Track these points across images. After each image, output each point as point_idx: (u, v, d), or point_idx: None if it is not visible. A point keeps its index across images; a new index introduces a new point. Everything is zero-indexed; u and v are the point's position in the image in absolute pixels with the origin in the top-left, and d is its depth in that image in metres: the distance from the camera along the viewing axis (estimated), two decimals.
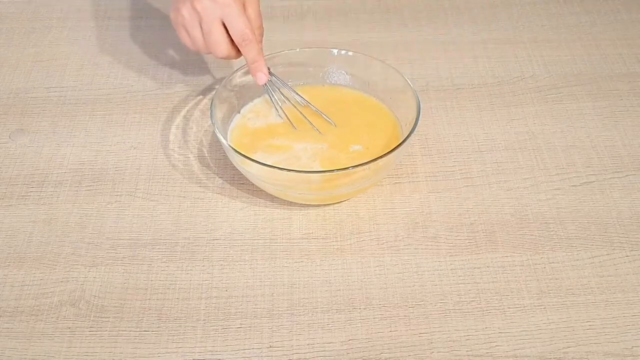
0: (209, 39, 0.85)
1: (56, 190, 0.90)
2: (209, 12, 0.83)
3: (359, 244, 0.84)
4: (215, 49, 0.86)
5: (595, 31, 1.14)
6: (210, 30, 0.84)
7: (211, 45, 0.86)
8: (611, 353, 0.74)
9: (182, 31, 0.87)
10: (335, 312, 0.77)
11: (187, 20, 0.85)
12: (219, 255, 0.83)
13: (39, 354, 0.74)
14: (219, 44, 0.85)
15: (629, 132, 0.97)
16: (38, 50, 1.11)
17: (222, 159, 0.93)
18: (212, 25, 0.84)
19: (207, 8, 0.83)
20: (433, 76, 1.06)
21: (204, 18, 0.83)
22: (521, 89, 1.04)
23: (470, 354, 0.74)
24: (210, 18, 0.83)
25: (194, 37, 0.86)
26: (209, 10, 0.83)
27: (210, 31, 0.84)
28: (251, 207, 0.88)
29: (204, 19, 0.83)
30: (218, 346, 0.74)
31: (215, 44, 0.85)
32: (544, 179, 0.91)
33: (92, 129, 0.98)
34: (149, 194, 0.89)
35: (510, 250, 0.83)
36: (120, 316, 0.77)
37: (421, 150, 0.94)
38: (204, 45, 0.86)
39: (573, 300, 0.78)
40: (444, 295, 0.79)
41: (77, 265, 0.82)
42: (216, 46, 0.85)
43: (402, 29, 1.15)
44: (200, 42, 0.86)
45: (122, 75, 1.06)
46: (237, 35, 0.84)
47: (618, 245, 0.83)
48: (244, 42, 0.85)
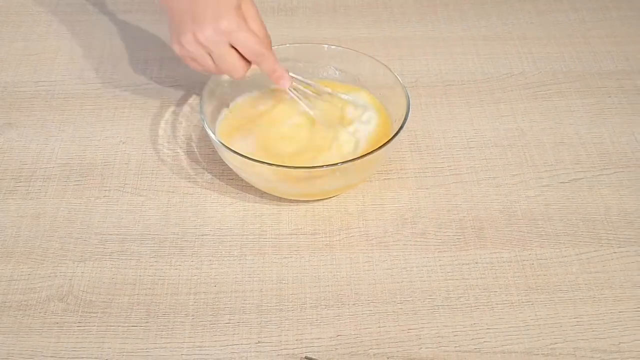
0: (223, 66, 0.82)
1: (44, 185, 0.89)
2: (217, 43, 0.79)
3: (347, 240, 0.84)
4: (232, 73, 0.83)
5: (584, 29, 1.15)
6: (223, 58, 0.81)
7: (226, 71, 0.82)
8: (598, 349, 0.74)
9: (191, 62, 0.83)
10: (324, 307, 0.77)
11: (195, 54, 0.81)
12: (207, 250, 0.83)
13: (26, 349, 0.73)
14: (234, 67, 0.82)
15: (617, 130, 0.97)
16: (26, 44, 1.10)
17: (211, 154, 0.93)
18: (223, 52, 0.80)
19: (212, 39, 0.79)
20: (422, 72, 1.06)
21: (212, 49, 0.80)
22: (510, 85, 1.04)
23: (458, 350, 0.74)
24: (218, 47, 0.80)
25: (205, 65, 0.83)
26: (215, 41, 0.79)
27: (223, 59, 0.81)
28: (240, 203, 0.87)
29: (213, 50, 0.80)
30: (206, 341, 0.74)
31: (231, 68, 0.82)
32: (532, 175, 0.91)
33: (80, 123, 0.97)
34: (137, 189, 0.89)
35: (498, 246, 0.83)
36: (108, 311, 0.77)
37: (410, 146, 0.94)
38: (217, 71, 0.83)
39: (561, 296, 0.78)
40: (433, 291, 0.79)
41: (66, 260, 0.81)
42: (232, 70, 0.82)
43: (392, 25, 1.15)
44: (214, 69, 0.83)
45: (111, 69, 1.05)
46: (250, 55, 0.81)
47: (606, 242, 0.84)
48: (258, 58, 0.82)
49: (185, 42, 0.80)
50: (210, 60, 0.82)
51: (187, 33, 0.80)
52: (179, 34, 0.81)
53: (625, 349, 0.74)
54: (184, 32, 0.80)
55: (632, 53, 1.10)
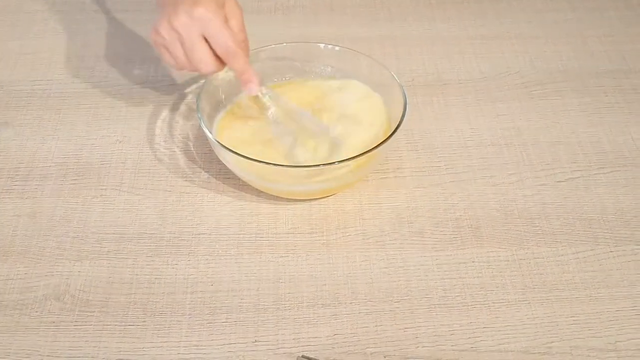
0: (192, 57, 0.80)
1: (41, 184, 0.89)
2: (189, 29, 0.78)
3: (344, 239, 0.84)
4: (200, 65, 0.81)
5: (581, 28, 1.15)
6: (193, 48, 0.79)
7: (195, 63, 0.81)
8: (595, 348, 0.74)
9: (164, 52, 0.82)
10: (320, 306, 0.77)
11: (168, 41, 0.80)
12: (204, 249, 0.82)
13: (23, 348, 0.73)
14: (203, 61, 0.80)
15: (614, 129, 0.98)
16: (23, 43, 1.10)
17: (208, 153, 0.92)
18: (194, 42, 0.79)
19: (186, 25, 0.78)
20: (419, 71, 1.06)
21: (184, 36, 0.79)
22: (507, 84, 1.04)
23: (455, 349, 0.74)
24: (191, 35, 0.79)
25: (176, 56, 0.81)
26: (188, 28, 0.78)
27: (193, 48, 0.79)
28: (237, 202, 0.87)
29: (185, 37, 0.79)
30: (203, 340, 0.74)
31: (199, 61, 0.80)
32: (529, 174, 0.91)
33: (77, 122, 0.97)
34: (134, 188, 0.89)
35: (495, 245, 0.83)
36: (105, 310, 0.77)
37: (407, 145, 0.94)
38: (188, 64, 0.81)
39: (557, 295, 0.79)
40: (429, 290, 0.79)
41: (62, 259, 0.81)
42: (200, 63, 0.81)
43: (389, 24, 1.15)
44: (184, 61, 0.81)
45: (108, 68, 1.05)
46: (221, 49, 0.80)
47: (602, 240, 0.84)
48: (229, 55, 0.80)
49: (161, 29, 0.80)
50: (182, 51, 0.80)
51: (164, 19, 0.79)
52: (158, 21, 0.80)
53: (622, 348, 0.74)
54: (162, 19, 0.80)
55: (629, 52, 1.10)
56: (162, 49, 0.82)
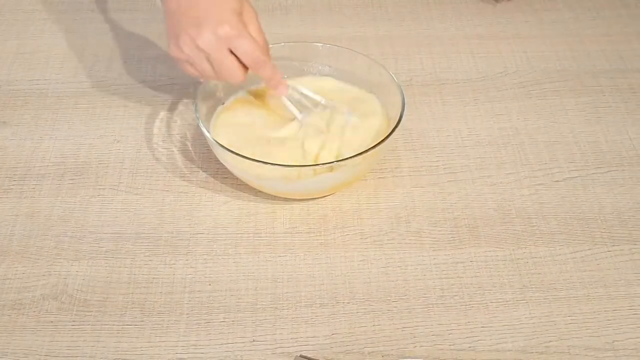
0: (221, 71, 0.80)
1: (39, 183, 0.89)
2: (216, 48, 0.78)
3: (342, 239, 0.84)
4: (230, 78, 0.81)
5: (578, 27, 1.15)
6: (221, 63, 0.79)
7: (225, 76, 0.81)
8: (592, 347, 0.74)
9: (187, 67, 0.82)
10: (318, 306, 0.77)
11: (193, 58, 0.79)
12: (202, 249, 0.82)
13: (21, 348, 0.73)
14: (234, 73, 0.80)
15: (611, 128, 0.98)
16: (20, 43, 1.10)
17: (206, 152, 0.92)
18: (222, 58, 0.79)
19: (212, 44, 0.77)
20: (417, 71, 1.06)
21: (212, 54, 0.78)
22: (505, 84, 1.04)
23: (452, 348, 0.74)
24: (218, 52, 0.78)
25: (203, 70, 0.81)
26: (215, 46, 0.78)
27: (221, 64, 0.79)
28: (235, 201, 0.87)
29: (212, 55, 0.78)
30: (201, 340, 0.74)
31: (230, 74, 0.80)
32: (527, 174, 0.91)
33: (75, 122, 0.97)
34: (132, 188, 0.89)
35: (493, 245, 0.83)
36: (103, 310, 0.77)
37: (405, 145, 0.95)
38: (215, 76, 0.81)
39: (555, 294, 0.79)
40: (427, 289, 0.79)
41: (60, 259, 0.81)
42: (230, 76, 0.80)
43: (387, 24, 1.15)
44: (211, 74, 0.81)
45: (105, 68, 1.05)
46: (249, 61, 0.80)
47: (600, 240, 0.84)
48: (257, 65, 0.81)
49: (184, 46, 0.79)
50: (208, 65, 0.80)
51: (186, 37, 0.78)
52: (178, 37, 0.79)
53: (619, 347, 0.74)
54: (182, 35, 0.79)
55: (626, 52, 1.10)
56: (185, 64, 0.82)
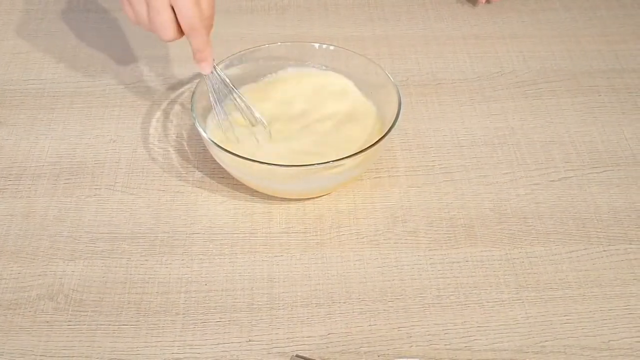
0: (155, 21, 0.78)
1: (34, 183, 0.89)
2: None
3: (338, 238, 0.84)
4: (160, 31, 0.79)
5: (575, 27, 1.15)
6: (158, 13, 0.77)
7: (156, 27, 0.79)
8: (588, 347, 0.74)
9: (126, 4, 0.80)
10: (314, 306, 0.77)
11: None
12: (198, 249, 0.82)
13: (16, 348, 0.73)
14: (165, 28, 0.78)
15: (607, 128, 0.98)
16: (16, 43, 1.10)
17: (202, 152, 0.92)
18: (160, 8, 0.77)
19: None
20: (413, 71, 1.06)
21: (152, 0, 0.77)
22: (501, 84, 1.04)
23: (449, 348, 0.74)
24: (158, 1, 0.76)
25: (138, 13, 0.79)
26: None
27: (158, 13, 0.77)
28: (231, 201, 0.87)
29: (152, 1, 0.77)
30: (197, 340, 0.74)
31: (161, 27, 0.78)
32: (522, 174, 0.91)
33: (71, 122, 0.97)
34: (128, 188, 0.89)
35: (489, 244, 0.83)
36: (99, 310, 0.77)
37: (401, 144, 0.95)
38: (147, 24, 0.79)
39: (551, 294, 0.79)
40: (423, 289, 0.79)
41: (56, 259, 0.81)
42: (161, 29, 0.78)
43: (383, 24, 1.15)
44: (144, 20, 0.79)
45: (101, 68, 1.05)
46: (185, 23, 0.78)
47: (595, 240, 0.84)
48: (191, 30, 0.79)
49: None
50: (145, 10, 0.78)
51: None
52: None
53: (615, 347, 0.74)
54: None
55: (622, 52, 1.10)
56: (125, 3, 0.80)
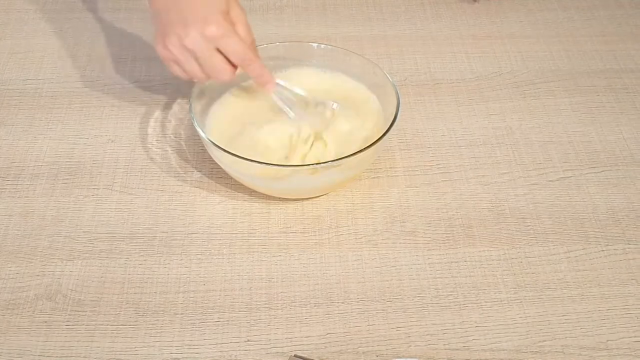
0: (210, 71, 0.80)
1: (32, 183, 0.89)
2: (203, 47, 0.78)
3: (337, 238, 0.84)
4: (219, 76, 0.81)
5: (573, 27, 1.15)
6: (209, 62, 0.79)
7: (213, 74, 0.81)
8: (586, 346, 0.74)
9: (174, 67, 0.82)
10: (313, 306, 0.77)
11: (180, 58, 0.80)
12: (197, 249, 0.82)
13: (15, 348, 0.73)
14: (222, 71, 0.81)
15: (605, 128, 0.98)
16: (14, 42, 1.10)
17: (200, 152, 0.92)
18: (210, 57, 0.79)
19: (199, 44, 0.78)
20: (412, 71, 1.06)
21: (199, 54, 0.78)
22: (499, 84, 1.04)
23: (447, 348, 0.74)
24: (205, 52, 0.78)
25: (190, 71, 0.81)
26: (202, 46, 0.78)
27: (209, 63, 0.79)
28: (230, 201, 0.87)
29: (199, 55, 0.78)
30: (196, 340, 0.74)
31: (218, 73, 0.81)
32: (521, 174, 0.91)
33: (69, 122, 0.97)
34: (126, 188, 0.89)
35: (487, 244, 0.83)
36: (97, 310, 0.77)
37: (400, 144, 0.95)
38: (203, 75, 0.81)
39: (549, 294, 0.79)
40: (422, 289, 0.79)
41: (54, 258, 0.81)
42: (219, 74, 0.81)
43: (381, 24, 1.15)
44: (199, 74, 0.81)
45: (99, 68, 1.05)
46: (237, 60, 0.80)
47: (594, 240, 0.84)
48: (245, 63, 0.81)
49: (171, 45, 0.79)
50: (196, 65, 0.80)
51: (172, 36, 0.78)
52: (164, 36, 0.79)
53: (613, 347, 0.74)
54: (169, 34, 0.79)
55: (620, 52, 1.10)
56: (171, 64, 0.82)
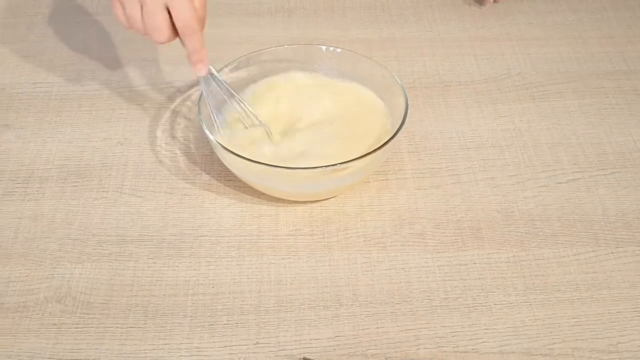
0: (149, 23, 0.77)
1: (42, 186, 0.89)
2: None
3: (345, 241, 0.84)
4: (154, 33, 0.78)
5: (582, 29, 1.15)
6: (153, 15, 0.76)
7: (150, 30, 0.78)
8: (596, 349, 0.74)
9: (117, 6, 0.79)
10: (322, 308, 0.77)
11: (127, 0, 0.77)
12: (205, 251, 0.82)
13: (24, 351, 0.73)
14: (160, 30, 0.77)
15: (614, 130, 0.98)
16: (24, 46, 1.10)
17: (209, 155, 0.93)
18: (155, 9, 0.76)
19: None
20: (420, 73, 1.06)
21: (147, 2, 0.76)
22: (508, 86, 1.04)
23: (456, 350, 0.74)
24: (153, 3, 0.76)
25: (131, 16, 0.78)
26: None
27: (153, 15, 0.76)
28: (238, 204, 0.87)
29: (146, 3, 0.76)
30: (204, 343, 0.74)
31: (156, 29, 0.77)
32: (530, 176, 0.91)
33: (78, 124, 0.97)
34: (135, 190, 0.89)
35: (496, 246, 0.83)
36: (106, 313, 0.77)
37: (408, 147, 0.94)
38: (141, 27, 0.78)
39: (559, 296, 0.79)
40: (431, 291, 0.79)
41: (63, 261, 0.81)
42: (156, 31, 0.78)
43: (390, 26, 1.15)
44: (138, 23, 0.78)
45: (108, 71, 1.05)
46: (181, 25, 0.77)
47: (603, 242, 0.84)
48: (187, 31, 0.78)
49: None
50: (139, 13, 0.77)
51: None
52: None
53: (623, 349, 0.74)
54: None
55: (629, 53, 1.10)
56: (117, 5, 0.79)
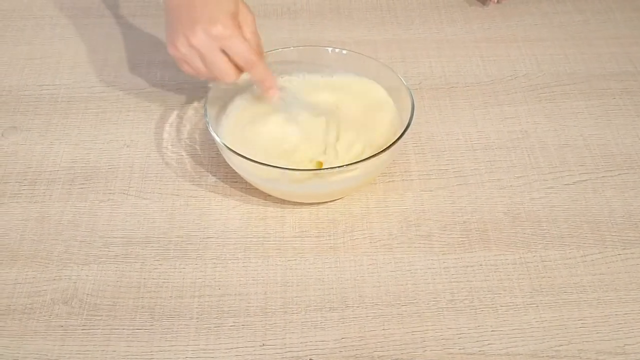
0: (214, 70, 0.82)
1: (49, 188, 0.89)
2: (208, 46, 0.80)
3: (352, 242, 0.84)
4: (222, 77, 0.83)
5: (588, 30, 1.15)
6: (213, 63, 0.81)
7: (217, 75, 0.83)
8: (603, 351, 0.74)
9: (183, 65, 0.84)
10: (328, 310, 0.77)
11: (187, 56, 0.81)
12: (212, 253, 0.83)
13: (31, 353, 0.74)
14: (225, 72, 0.82)
15: (621, 131, 0.97)
16: (31, 48, 1.10)
17: (215, 157, 0.93)
18: (214, 57, 0.81)
19: (204, 43, 0.80)
20: (426, 75, 1.06)
21: (204, 52, 0.80)
22: (514, 87, 1.04)
23: (462, 352, 0.74)
24: (210, 51, 0.80)
25: (196, 69, 0.83)
26: (207, 45, 0.80)
27: (213, 63, 0.81)
28: (244, 205, 0.88)
29: (204, 54, 0.80)
30: (211, 344, 0.74)
31: (221, 73, 0.82)
32: (536, 177, 0.91)
33: (85, 127, 0.97)
34: (142, 192, 0.89)
35: (503, 248, 0.83)
36: (113, 314, 0.77)
37: (414, 148, 0.94)
38: (210, 75, 0.83)
39: (565, 298, 0.78)
40: (437, 293, 0.79)
41: (70, 263, 0.81)
42: (222, 75, 0.82)
43: (395, 28, 1.15)
44: (205, 73, 0.83)
45: (115, 73, 1.06)
46: (241, 62, 0.81)
47: (610, 243, 0.84)
48: (249, 66, 0.82)
49: (179, 44, 0.81)
50: (202, 65, 0.82)
51: (181, 35, 0.81)
52: (174, 36, 0.82)
53: (630, 351, 0.74)
54: (178, 34, 0.81)
55: (636, 54, 1.10)
56: (181, 62, 0.84)
